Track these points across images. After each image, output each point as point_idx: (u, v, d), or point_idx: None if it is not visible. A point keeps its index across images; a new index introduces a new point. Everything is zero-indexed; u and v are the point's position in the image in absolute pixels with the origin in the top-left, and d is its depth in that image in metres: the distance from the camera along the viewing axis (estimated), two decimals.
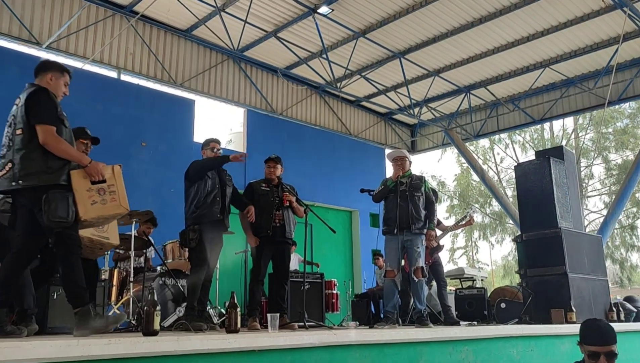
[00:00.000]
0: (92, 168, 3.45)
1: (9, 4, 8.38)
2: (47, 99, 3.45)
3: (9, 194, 3.47)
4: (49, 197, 3.24)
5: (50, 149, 3.31)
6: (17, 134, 3.36)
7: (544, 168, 7.00)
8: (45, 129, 3.32)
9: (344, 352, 3.55)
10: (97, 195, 3.45)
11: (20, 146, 3.32)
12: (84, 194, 3.41)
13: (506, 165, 25.53)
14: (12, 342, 2.51)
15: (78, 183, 3.42)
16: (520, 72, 11.98)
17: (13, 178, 3.28)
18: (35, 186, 3.26)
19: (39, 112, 3.36)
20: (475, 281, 9.37)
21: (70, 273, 3.33)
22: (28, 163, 3.29)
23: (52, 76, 3.65)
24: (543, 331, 5.43)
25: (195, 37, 10.41)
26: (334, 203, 12.17)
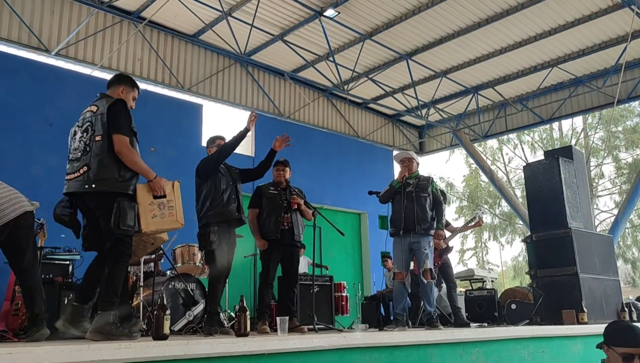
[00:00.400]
0: (156, 183, 3.66)
1: (19, 11, 8.47)
2: (125, 111, 3.66)
3: (78, 196, 3.62)
4: (120, 205, 3.45)
5: (122, 159, 3.51)
6: (97, 140, 3.54)
7: (553, 168, 6.97)
8: (121, 139, 3.52)
9: (354, 354, 3.55)
10: (158, 209, 3.67)
11: (99, 152, 3.50)
12: (147, 208, 3.64)
13: (515, 165, 25.41)
14: (24, 347, 2.54)
15: (142, 196, 3.63)
16: (528, 72, 11.92)
17: (87, 181, 3.47)
18: (106, 192, 3.46)
19: (118, 123, 3.56)
20: (485, 283, 9.32)
21: (113, 277, 3.50)
22: (103, 169, 3.48)
23: (124, 89, 3.86)
24: (554, 332, 5.40)
25: (202, 41, 10.46)
26: (343, 205, 12.16)
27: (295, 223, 5.36)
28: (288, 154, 6.19)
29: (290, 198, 5.41)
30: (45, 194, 4.34)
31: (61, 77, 8.62)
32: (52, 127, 8.20)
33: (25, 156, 7.86)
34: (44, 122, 8.15)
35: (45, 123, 8.15)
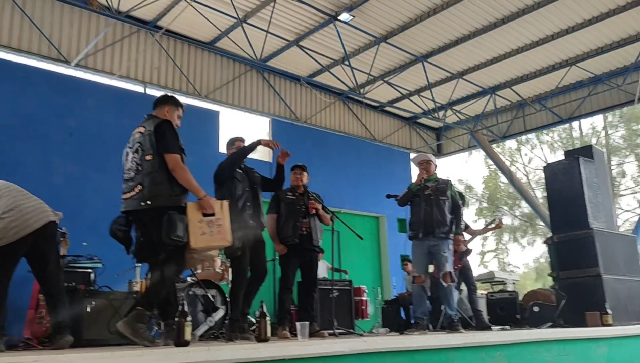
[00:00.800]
0: (206, 202, 3.80)
1: (39, 24, 8.63)
2: (171, 130, 3.86)
3: (133, 214, 3.83)
4: (170, 217, 3.62)
5: (176, 176, 3.73)
6: (147, 159, 3.76)
7: (574, 168, 6.88)
8: (173, 158, 3.74)
9: (374, 359, 3.53)
10: (207, 227, 3.79)
11: (150, 170, 3.72)
12: (196, 225, 3.77)
13: (534, 166, 25.13)
14: (49, 355, 2.58)
15: (192, 214, 3.78)
16: (545, 71, 11.80)
17: (142, 199, 3.68)
18: (160, 207, 3.66)
19: (167, 143, 3.77)
20: (506, 285, 9.22)
21: (159, 283, 3.67)
22: (156, 185, 3.70)
23: (168, 109, 4.06)
24: (578, 334, 5.31)
25: (218, 49, 10.55)
26: (361, 209, 12.13)
27: (313, 228, 5.36)
28: (305, 159, 6.20)
29: (308, 203, 5.41)
30: (65, 203, 4.43)
31: (80, 87, 8.75)
32: (72, 136, 8.33)
33: (45, 166, 7.99)
34: (64, 132, 8.28)
35: (65, 133, 8.28)
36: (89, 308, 4.77)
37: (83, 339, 4.65)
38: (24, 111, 7.96)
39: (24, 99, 8.01)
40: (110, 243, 7.85)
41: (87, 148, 8.36)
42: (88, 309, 4.76)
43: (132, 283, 6.29)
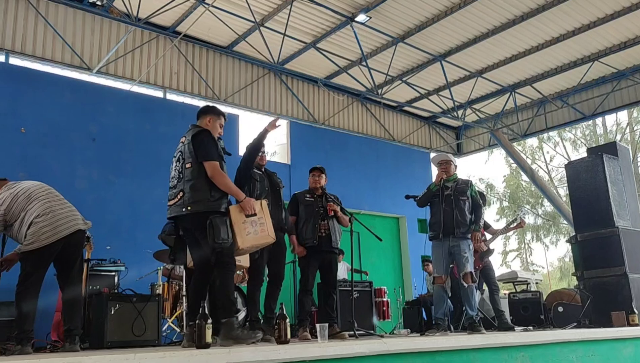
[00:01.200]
0: (246, 203, 3.98)
1: (61, 33, 8.80)
2: (209, 139, 4.01)
3: (178, 219, 4.02)
4: (213, 222, 3.77)
5: (215, 182, 3.88)
6: (187, 167, 3.94)
7: (597, 166, 6.77)
8: (212, 165, 3.88)
9: (395, 360, 3.52)
10: (251, 227, 4.00)
11: (190, 178, 3.89)
12: (241, 227, 3.97)
13: (557, 164, 24.78)
14: (74, 357, 2.63)
15: (235, 216, 3.96)
16: (567, 67, 11.62)
17: (184, 205, 3.86)
18: (201, 212, 3.81)
19: (205, 151, 3.92)
20: (529, 285, 9.10)
21: (225, 287, 3.85)
22: (196, 192, 3.86)
23: (210, 119, 4.20)
24: (604, 335, 5.22)
25: (236, 53, 10.62)
26: (381, 210, 12.11)
27: (332, 229, 5.37)
28: (323, 161, 6.23)
29: (327, 204, 5.42)
30: (88, 207, 4.52)
31: (102, 94, 8.90)
32: (94, 142, 8.48)
33: (69, 171, 8.14)
34: (87, 138, 8.43)
35: (88, 139, 8.43)
36: (113, 311, 4.83)
37: (107, 341, 4.72)
38: (49, 119, 8.13)
39: (48, 107, 8.18)
40: (132, 247, 8.04)
41: (109, 153, 8.51)
42: (112, 312, 4.83)
43: (154, 286, 6.37)
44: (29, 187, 4.28)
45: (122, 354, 2.66)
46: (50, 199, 4.23)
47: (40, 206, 4.13)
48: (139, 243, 7.82)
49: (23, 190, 4.23)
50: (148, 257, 6.62)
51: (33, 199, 4.18)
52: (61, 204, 4.27)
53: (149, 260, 6.63)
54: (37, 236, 4.02)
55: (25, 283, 4.01)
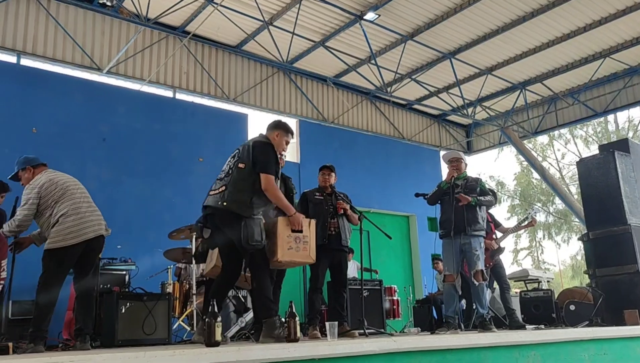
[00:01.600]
0: (295, 219, 4.05)
1: (72, 33, 8.86)
2: (271, 152, 4.09)
3: (209, 210, 4.04)
4: (247, 223, 3.85)
5: (268, 195, 3.96)
6: (240, 167, 4.02)
7: (609, 163, 6.70)
8: (267, 178, 3.95)
9: (405, 358, 3.51)
10: (294, 242, 4.06)
11: (238, 178, 3.97)
12: (285, 239, 4.02)
13: (568, 161, 24.60)
14: (85, 355, 2.64)
15: (282, 228, 4.03)
16: (578, 64, 11.52)
17: (221, 199, 3.93)
18: (233, 212, 3.88)
19: (264, 163, 3.99)
20: (540, 283, 9.03)
21: (262, 288, 3.93)
22: (238, 193, 3.93)
23: (279, 134, 4.24)
24: (616, 333, 5.17)
25: (245, 52, 10.64)
26: (390, 208, 12.07)
27: (342, 227, 5.36)
28: (333, 160, 6.21)
29: (337, 202, 5.42)
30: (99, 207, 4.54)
31: (112, 94, 8.95)
32: (105, 142, 8.53)
33: (80, 171, 8.12)
34: (98, 137, 8.48)
35: (98, 139, 8.48)
36: (124, 310, 4.86)
37: (118, 339, 4.74)
38: (60, 119, 8.19)
39: (59, 107, 8.24)
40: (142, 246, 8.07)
41: (120, 153, 8.55)
42: (123, 310, 4.85)
43: (164, 285, 6.40)
44: (67, 181, 4.39)
45: (132, 352, 2.67)
46: (81, 201, 4.33)
47: (70, 205, 4.24)
48: (149, 242, 7.87)
49: (61, 182, 4.34)
50: (158, 256, 6.65)
51: (67, 194, 4.29)
52: (88, 206, 4.38)
53: (159, 259, 6.66)
54: (63, 235, 4.12)
55: (46, 281, 4.09)
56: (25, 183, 4.39)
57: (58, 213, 4.19)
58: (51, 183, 4.30)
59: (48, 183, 4.29)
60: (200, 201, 5.19)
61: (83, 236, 4.17)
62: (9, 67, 8.18)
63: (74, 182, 4.46)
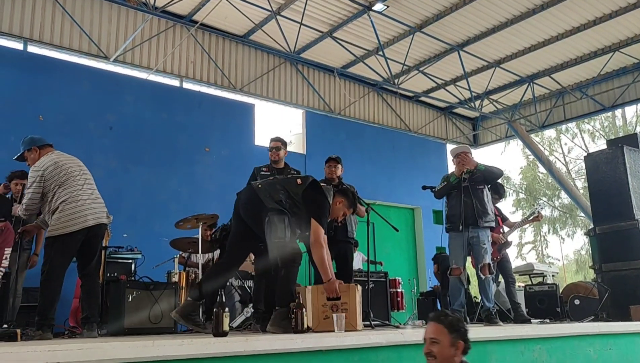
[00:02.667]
0: (331, 286, 3.87)
1: (79, 21, 8.84)
2: (327, 212, 4.07)
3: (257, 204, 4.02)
4: (270, 219, 3.83)
5: (313, 249, 3.92)
6: (298, 183, 4.07)
7: (617, 157, 6.67)
8: (319, 231, 3.90)
9: (411, 351, 3.52)
10: (330, 311, 3.83)
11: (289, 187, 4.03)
12: (319, 309, 3.87)
13: (575, 155, 24.48)
14: (94, 343, 2.65)
15: (315, 297, 3.92)
16: (587, 58, 11.43)
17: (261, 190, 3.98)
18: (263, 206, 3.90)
19: (320, 214, 3.97)
20: (545, 277, 9.01)
21: (287, 279, 3.86)
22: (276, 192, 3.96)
23: (342, 202, 4.22)
24: (622, 329, 5.17)
25: (252, 42, 10.60)
26: (396, 200, 12.06)
27: (348, 219, 5.36)
28: (339, 151, 6.20)
29: None
30: (105, 196, 4.55)
31: (119, 82, 8.94)
32: (112, 130, 8.53)
33: (87, 159, 8.04)
34: (105, 126, 8.48)
35: (105, 127, 8.48)
36: (130, 298, 4.87)
37: (125, 328, 4.76)
38: (67, 107, 8.19)
39: (66, 95, 8.23)
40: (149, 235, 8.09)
41: (126, 142, 8.56)
42: (129, 299, 4.87)
43: (170, 274, 6.41)
44: (71, 166, 4.36)
45: (141, 341, 2.68)
46: (83, 188, 4.29)
47: (71, 192, 4.20)
48: (155, 231, 7.89)
49: (66, 166, 4.30)
50: (164, 245, 6.67)
51: (69, 180, 4.25)
52: (91, 193, 4.34)
53: (166, 248, 6.67)
54: (63, 222, 4.10)
55: (49, 270, 4.08)
56: (31, 164, 4.37)
57: (59, 199, 4.16)
58: (56, 167, 4.27)
59: (52, 166, 4.26)
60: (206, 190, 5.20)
61: (83, 224, 4.15)
62: (15, 54, 8.18)
63: (78, 167, 4.42)
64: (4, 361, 2.21)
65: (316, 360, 3.10)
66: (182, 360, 2.62)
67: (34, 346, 2.37)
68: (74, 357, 2.34)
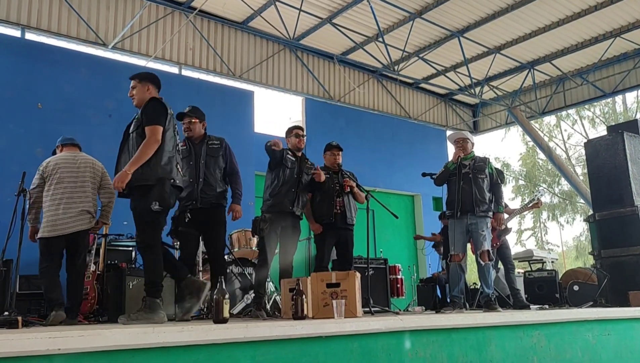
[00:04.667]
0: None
1: (77, 8, 8.77)
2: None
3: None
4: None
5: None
6: None
7: (617, 144, 6.65)
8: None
9: (411, 337, 3.54)
10: (330, 298, 3.85)
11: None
12: (318, 296, 3.90)
13: (575, 142, 24.46)
14: (94, 330, 2.66)
15: (315, 284, 3.93)
16: (588, 43, 11.37)
17: None
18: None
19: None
20: (545, 264, 9.06)
21: None
22: None
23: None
24: (621, 314, 5.19)
25: (251, 28, 10.54)
26: (396, 187, 12.06)
27: (347, 206, 5.38)
28: (339, 138, 6.18)
29: (343, 181, 5.42)
30: None
31: (118, 69, 8.88)
32: (111, 118, 8.49)
33: (86, 147, 8.05)
34: (104, 113, 8.44)
35: (104, 115, 8.44)
36: (131, 286, 4.89)
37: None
38: (65, 94, 8.15)
39: (65, 83, 8.18)
40: None
41: None
42: (130, 286, 4.89)
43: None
44: (66, 168, 4.55)
45: (141, 328, 2.69)
46: (65, 194, 4.44)
47: (54, 197, 4.40)
48: None
49: (61, 169, 4.52)
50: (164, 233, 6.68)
51: (59, 184, 4.46)
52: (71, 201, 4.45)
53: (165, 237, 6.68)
54: (45, 226, 4.35)
55: (42, 266, 4.36)
56: None
57: (46, 201, 4.41)
58: (55, 166, 4.50)
59: (52, 165, 4.50)
60: None
61: (60, 231, 4.35)
62: (13, 42, 8.12)
63: (72, 170, 4.57)
64: (5, 348, 2.22)
65: (316, 346, 3.11)
66: (182, 346, 2.63)
67: (35, 333, 2.38)
68: (74, 344, 2.36)
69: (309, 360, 3.04)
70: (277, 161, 4.98)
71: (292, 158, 5.12)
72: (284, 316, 4.05)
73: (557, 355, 4.41)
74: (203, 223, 4.67)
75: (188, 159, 4.78)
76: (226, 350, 2.76)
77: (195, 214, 4.63)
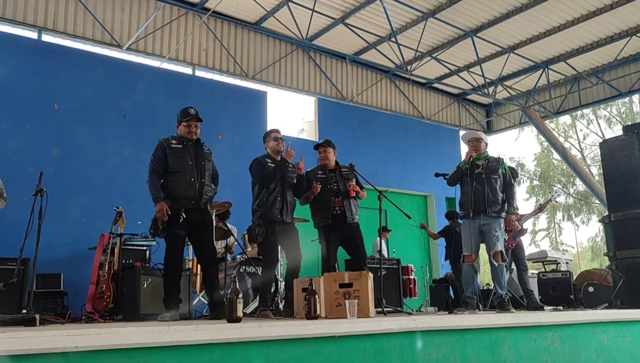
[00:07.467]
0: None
1: (92, 10, 8.87)
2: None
3: None
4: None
5: None
6: None
7: (633, 144, 6.57)
8: None
9: (424, 337, 3.54)
10: (342, 298, 3.87)
11: None
12: (331, 296, 3.93)
13: (590, 142, 24.18)
14: (110, 328, 2.70)
15: (327, 285, 3.96)
16: (603, 42, 11.24)
17: None
18: None
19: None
20: (559, 265, 8.99)
21: None
22: None
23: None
24: (636, 316, 5.15)
25: (264, 29, 10.57)
26: (408, 188, 12.03)
27: (347, 206, 5.23)
28: (351, 138, 6.19)
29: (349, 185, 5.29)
30: (120, 183, 4.62)
31: (132, 70, 8.98)
32: (125, 118, 8.59)
33: (101, 148, 8.28)
34: (119, 114, 8.54)
35: (119, 115, 8.54)
36: (145, 285, 4.94)
37: (140, 313, 4.83)
38: (81, 95, 8.26)
39: (80, 84, 8.30)
40: None
41: (140, 130, 8.60)
42: (144, 285, 4.94)
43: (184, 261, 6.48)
44: None
45: (156, 327, 2.73)
46: None
47: None
48: None
49: None
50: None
51: None
52: None
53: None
54: None
55: None
56: None
57: None
58: None
59: None
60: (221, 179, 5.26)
61: None
62: (30, 43, 8.23)
63: None
64: (23, 345, 2.27)
65: (329, 346, 3.13)
66: (196, 345, 2.66)
67: (53, 331, 2.42)
68: (91, 342, 2.39)
69: (322, 360, 3.05)
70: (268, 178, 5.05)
71: (271, 164, 5.05)
72: (297, 316, 4.06)
73: (571, 357, 4.38)
74: (195, 222, 4.61)
75: (186, 158, 4.72)
76: (240, 349, 2.79)
77: (189, 213, 4.57)
